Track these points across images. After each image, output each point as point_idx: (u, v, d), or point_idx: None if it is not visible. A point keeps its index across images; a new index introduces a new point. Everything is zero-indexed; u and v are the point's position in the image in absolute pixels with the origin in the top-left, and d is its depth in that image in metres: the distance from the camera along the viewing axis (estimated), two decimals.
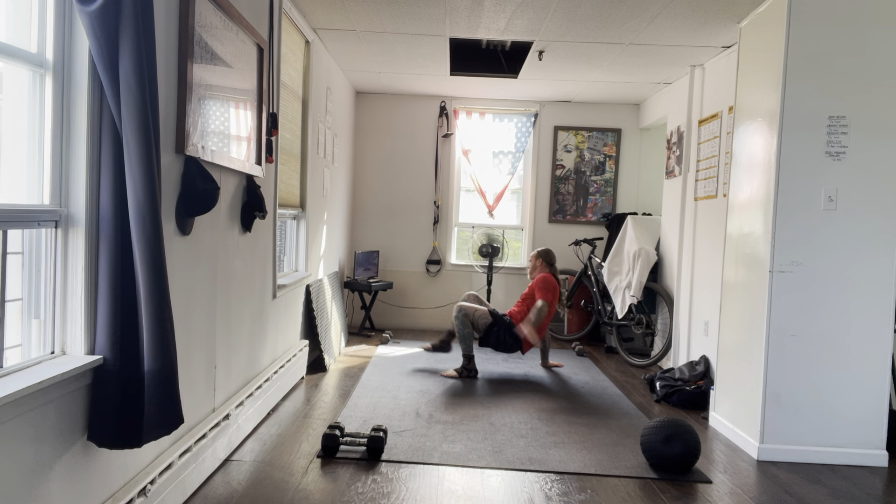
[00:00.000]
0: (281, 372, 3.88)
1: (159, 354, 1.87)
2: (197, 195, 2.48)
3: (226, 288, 2.99)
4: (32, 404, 1.65)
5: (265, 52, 3.38)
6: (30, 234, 1.83)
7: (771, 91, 3.37)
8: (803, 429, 3.33)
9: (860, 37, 3.23)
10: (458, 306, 4.82)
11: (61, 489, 1.80)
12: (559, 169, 6.75)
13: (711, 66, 4.80)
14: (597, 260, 6.08)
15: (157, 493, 2.25)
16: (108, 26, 1.75)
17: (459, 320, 4.76)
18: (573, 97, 6.47)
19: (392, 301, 6.81)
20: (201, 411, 2.76)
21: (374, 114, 6.75)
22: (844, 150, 3.26)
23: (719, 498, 2.81)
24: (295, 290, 4.36)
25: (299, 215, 4.70)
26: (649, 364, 5.33)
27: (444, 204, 6.79)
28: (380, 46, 4.93)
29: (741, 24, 3.84)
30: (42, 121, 1.84)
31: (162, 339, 1.87)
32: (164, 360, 1.88)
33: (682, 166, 5.15)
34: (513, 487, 2.80)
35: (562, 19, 4.12)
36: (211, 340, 2.82)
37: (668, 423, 3.08)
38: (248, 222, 3.23)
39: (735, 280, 3.68)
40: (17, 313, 1.83)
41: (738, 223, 3.66)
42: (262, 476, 2.80)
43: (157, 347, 1.87)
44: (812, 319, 3.31)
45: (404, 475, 2.88)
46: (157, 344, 1.86)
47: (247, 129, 3.16)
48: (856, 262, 3.28)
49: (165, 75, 2.30)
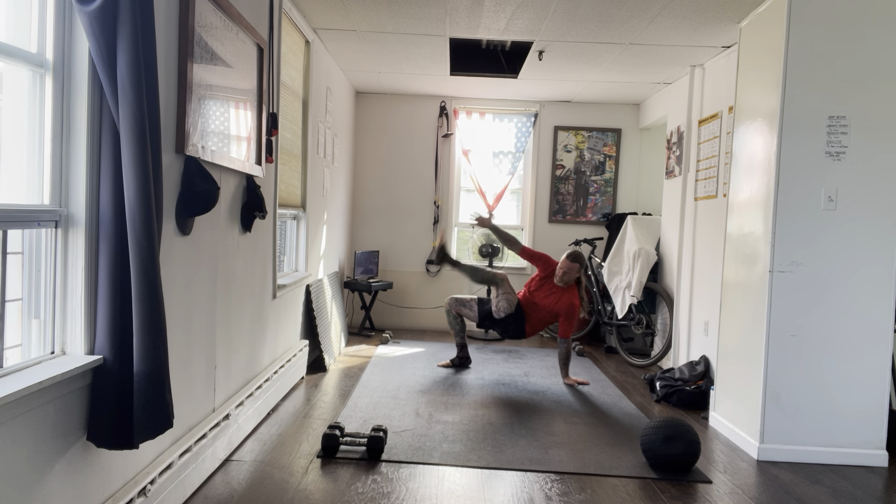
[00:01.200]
0: (281, 372, 3.88)
1: (149, 356, 1.85)
2: (197, 195, 2.48)
3: (226, 288, 2.99)
4: (32, 404, 1.65)
5: (265, 52, 3.38)
6: (30, 234, 1.83)
7: (771, 91, 3.37)
8: (803, 429, 3.33)
9: (860, 37, 3.23)
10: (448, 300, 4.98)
11: (61, 489, 1.80)
12: (559, 169, 6.75)
13: (711, 66, 4.80)
14: (597, 260, 6.08)
15: (157, 493, 2.25)
16: (107, 26, 1.75)
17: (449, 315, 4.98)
18: (573, 97, 6.47)
19: (392, 301, 6.81)
20: (201, 411, 2.76)
21: (374, 114, 6.75)
22: (844, 150, 3.26)
23: (719, 498, 2.81)
24: (295, 290, 4.36)
25: (299, 215, 4.70)
26: (649, 364, 5.33)
27: (444, 204, 6.78)
28: (380, 46, 4.93)
29: (741, 24, 3.84)
30: (42, 121, 1.84)
31: (152, 341, 1.86)
32: (154, 362, 1.86)
33: (682, 166, 5.15)
34: (513, 487, 2.80)
35: (562, 19, 4.12)
36: (211, 340, 2.82)
37: (668, 423, 3.08)
38: (248, 222, 3.23)
39: (735, 280, 3.68)
40: (17, 313, 1.83)
41: (738, 223, 3.66)
42: (262, 476, 2.80)
43: (148, 349, 1.85)
44: (812, 319, 3.31)
45: (404, 475, 2.88)
46: (147, 346, 1.85)
47: (247, 129, 3.16)
48: (856, 262, 3.28)
49: (165, 75, 2.30)
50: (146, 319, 1.85)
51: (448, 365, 5.03)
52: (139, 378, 1.86)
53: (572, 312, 4.69)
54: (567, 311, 4.69)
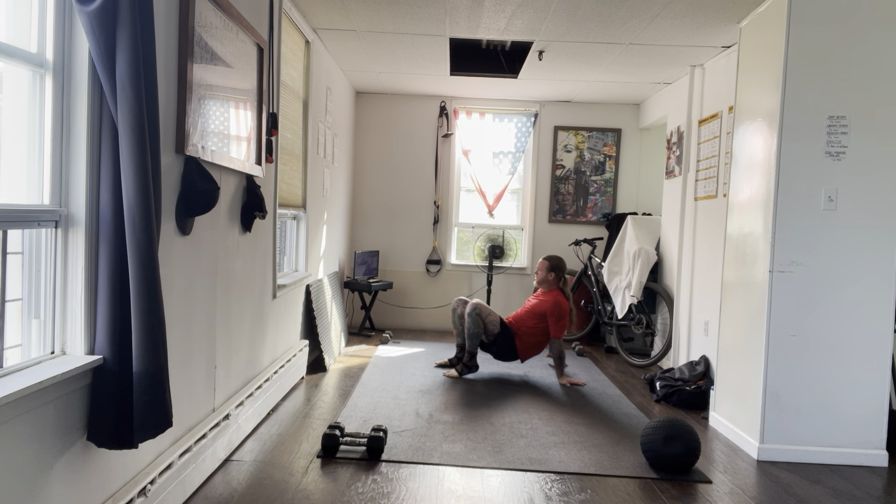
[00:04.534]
0: (281, 372, 3.88)
1: (149, 356, 1.85)
2: (197, 195, 2.48)
3: (226, 288, 2.99)
4: (32, 404, 1.65)
5: (265, 52, 3.38)
6: (30, 234, 1.83)
7: (771, 91, 3.37)
8: (803, 429, 3.33)
9: (860, 37, 3.23)
10: (472, 304, 4.69)
11: (61, 489, 1.80)
12: (559, 169, 6.75)
13: (711, 66, 4.80)
14: (597, 260, 6.08)
15: (157, 493, 2.25)
16: (106, 26, 1.75)
17: (472, 318, 4.65)
18: (573, 97, 6.47)
19: (392, 301, 6.81)
20: (201, 411, 2.76)
21: (374, 114, 6.75)
22: (844, 150, 3.26)
23: (719, 498, 2.81)
24: (295, 290, 4.36)
25: (299, 215, 4.70)
26: (649, 364, 5.33)
27: (444, 204, 6.78)
28: (380, 46, 4.93)
29: (741, 24, 3.84)
30: (42, 121, 1.84)
31: (151, 341, 1.85)
32: (153, 362, 1.86)
33: (682, 166, 5.15)
34: (513, 487, 2.80)
35: (562, 19, 4.12)
36: (211, 340, 2.82)
37: (668, 423, 3.08)
38: (248, 222, 3.23)
39: (735, 280, 3.68)
40: (17, 313, 1.83)
41: (738, 223, 3.66)
42: (262, 476, 2.80)
43: (147, 349, 1.85)
44: (812, 319, 3.30)
45: (404, 475, 2.88)
46: (147, 346, 1.85)
47: (247, 129, 3.16)
48: (856, 262, 3.28)
49: (165, 75, 2.30)
50: (145, 319, 1.85)
51: (451, 369, 4.81)
52: (138, 378, 1.86)
53: (559, 311, 4.67)
54: (553, 310, 4.68)
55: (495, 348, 4.79)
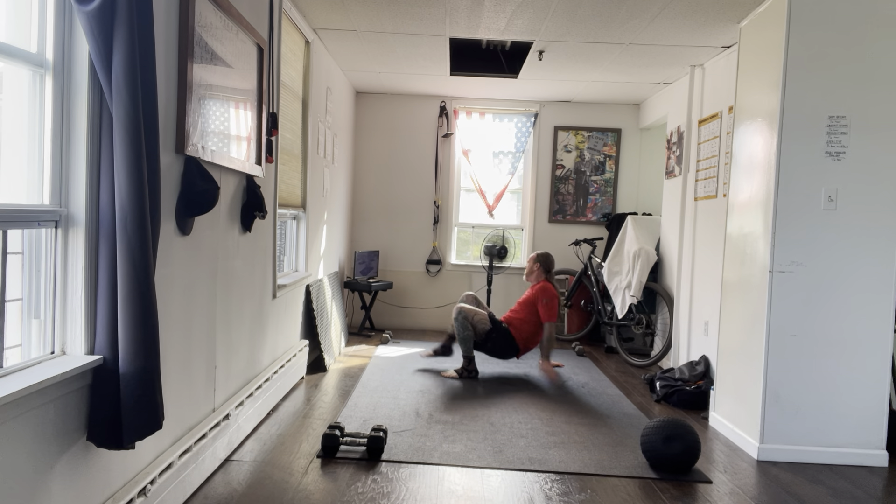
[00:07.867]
0: (281, 372, 3.88)
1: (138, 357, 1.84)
2: (197, 195, 2.48)
3: (226, 288, 2.99)
4: (32, 404, 1.65)
5: (265, 52, 3.38)
6: (30, 234, 1.83)
7: (771, 91, 3.37)
8: (803, 429, 3.33)
9: (860, 37, 3.23)
10: (457, 308, 4.77)
11: (61, 489, 1.80)
12: (559, 169, 6.75)
13: (711, 66, 4.80)
14: (597, 260, 6.08)
15: (157, 493, 2.25)
16: (105, 26, 1.75)
17: (459, 322, 4.73)
18: (573, 97, 6.47)
19: (392, 301, 6.81)
20: (201, 411, 2.76)
21: (374, 114, 6.75)
22: (844, 150, 3.26)
23: (719, 498, 2.81)
24: (295, 290, 4.36)
25: (299, 215, 4.70)
26: (649, 364, 5.33)
27: (444, 204, 6.79)
28: (380, 46, 4.93)
29: (741, 24, 3.84)
30: (42, 121, 1.84)
31: (142, 341, 1.85)
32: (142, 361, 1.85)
33: (682, 166, 5.15)
34: (513, 487, 2.80)
35: (562, 19, 4.12)
36: (211, 340, 2.82)
37: (668, 423, 3.08)
38: (248, 222, 3.23)
39: (735, 280, 3.68)
40: (17, 313, 1.83)
41: (738, 223, 3.66)
42: (262, 476, 2.80)
43: (137, 349, 1.84)
44: (812, 319, 3.31)
45: (404, 475, 2.88)
46: (136, 345, 1.84)
47: (247, 128, 3.16)
48: (856, 262, 3.28)
49: (165, 75, 2.30)
50: (135, 319, 1.83)
51: (454, 377, 4.72)
52: (127, 378, 1.84)
53: (548, 294, 4.78)
54: (541, 294, 4.79)
55: (490, 345, 4.79)
